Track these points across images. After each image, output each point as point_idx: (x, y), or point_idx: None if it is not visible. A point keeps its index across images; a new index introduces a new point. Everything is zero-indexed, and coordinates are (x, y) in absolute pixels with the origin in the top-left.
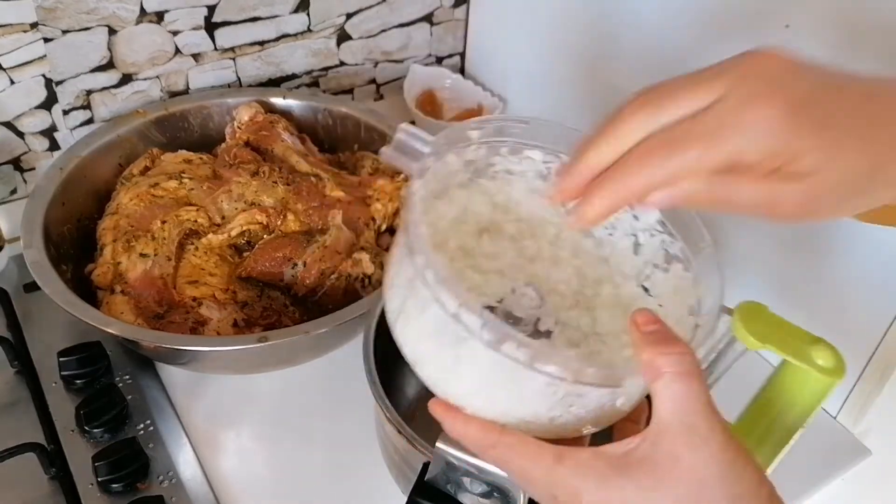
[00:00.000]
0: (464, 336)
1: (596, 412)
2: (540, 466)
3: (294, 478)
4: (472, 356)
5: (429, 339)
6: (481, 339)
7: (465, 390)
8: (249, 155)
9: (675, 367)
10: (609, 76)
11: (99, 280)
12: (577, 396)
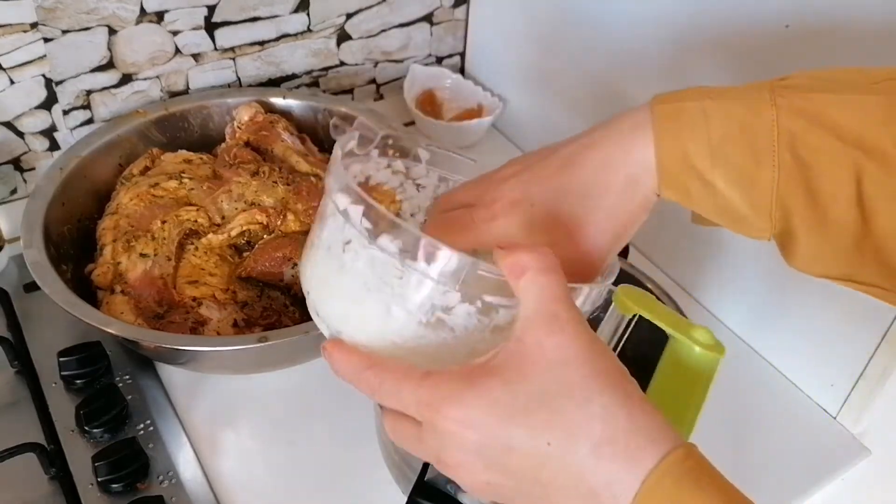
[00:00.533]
0: (348, 236)
1: (463, 340)
2: (409, 384)
3: (294, 478)
4: (353, 261)
5: (321, 260)
6: (361, 232)
7: (341, 312)
8: (249, 155)
9: (539, 263)
10: (609, 76)
11: (99, 280)
12: (444, 311)
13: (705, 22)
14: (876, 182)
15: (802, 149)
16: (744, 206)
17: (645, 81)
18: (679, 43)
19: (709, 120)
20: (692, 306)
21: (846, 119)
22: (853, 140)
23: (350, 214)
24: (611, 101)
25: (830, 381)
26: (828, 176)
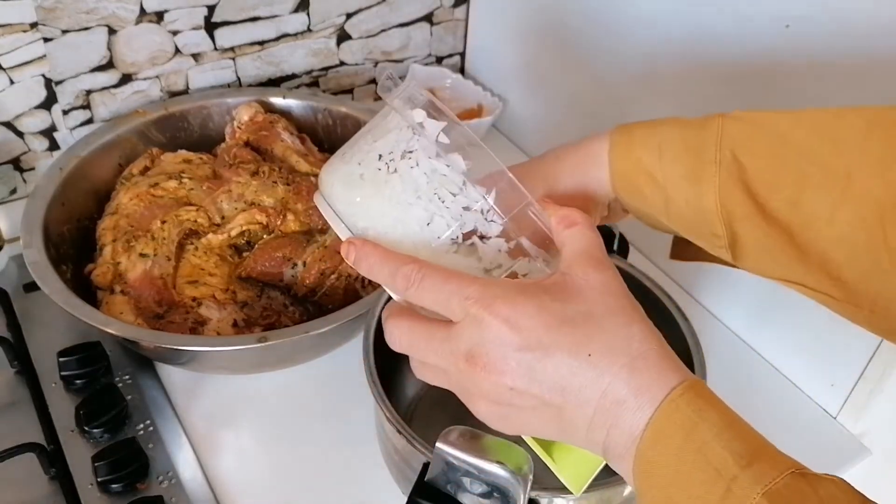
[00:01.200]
0: (412, 147)
1: (482, 272)
2: (459, 280)
3: (294, 478)
4: (409, 169)
5: (365, 162)
6: (432, 145)
7: (377, 211)
8: (249, 155)
9: (587, 220)
10: (609, 76)
11: (99, 280)
12: (481, 237)
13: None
14: (817, 188)
15: (743, 150)
16: (692, 204)
17: (644, 78)
18: (678, 42)
19: (659, 130)
20: (692, 306)
21: (792, 128)
22: (796, 146)
23: (426, 127)
24: (610, 100)
25: (830, 381)
26: (768, 176)
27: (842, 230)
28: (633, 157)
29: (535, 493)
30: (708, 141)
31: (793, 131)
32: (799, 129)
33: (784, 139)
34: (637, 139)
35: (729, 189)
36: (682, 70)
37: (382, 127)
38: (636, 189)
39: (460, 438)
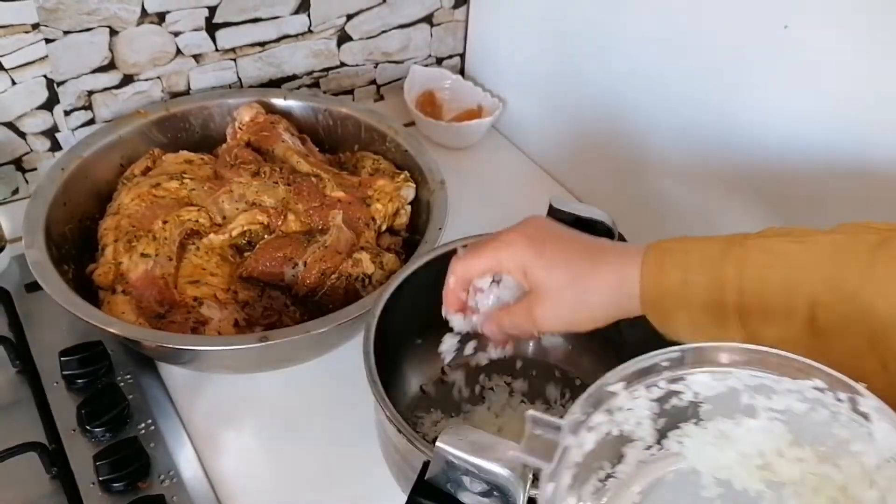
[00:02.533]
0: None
1: None
2: None
3: (294, 477)
4: None
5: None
6: None
7: None
8: (250, 155)
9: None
10: (608, 77)
11: (100, 280)
12: None
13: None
14: (828, 309)
15: (758, 279)
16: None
17: (643, 78)
18: (677, 41)
19: (688, 255)
20: None
21: (802, 255)
22: (808, 271)
23: None
24: (610, 101)
25: None
26: (782, 300)
27: None
28: (662, 286)
29: (535, 493)
30: (727, 280)
31: (802, 256)
32: (807, 252)
33: (798, 265)
34: (667, 268)
35: (749, 312)
36: (680, 68)
37: None
38: (666, 316)
39: (460, 437)
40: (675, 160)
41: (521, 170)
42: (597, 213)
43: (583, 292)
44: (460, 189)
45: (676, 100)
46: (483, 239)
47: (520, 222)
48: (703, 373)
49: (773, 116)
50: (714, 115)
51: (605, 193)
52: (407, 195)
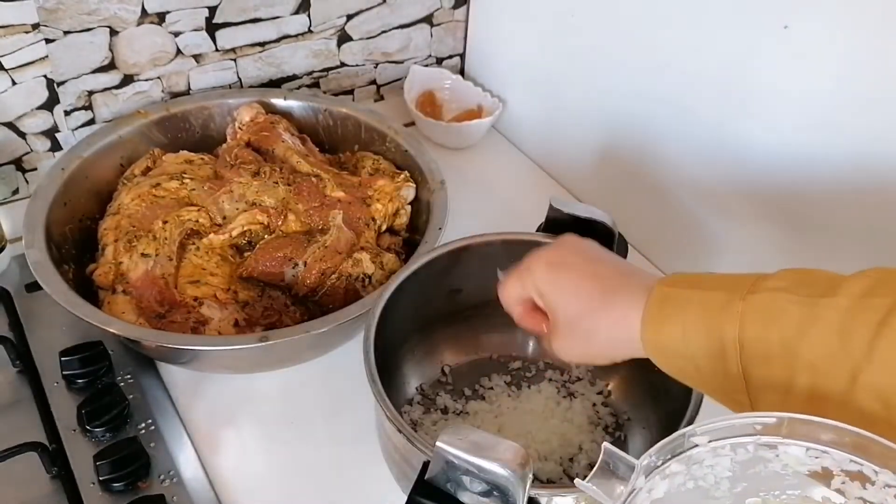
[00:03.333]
0: None
1: None
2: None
3: (294, 477)
4: None
5: None
6: None
7: None
8: (250, 155)
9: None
10: (608, 77)
11: (100, 280)
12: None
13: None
14: (828, 378)
15: (758, 341)
16: (719, 374)
17: (643, 79)
18: (676, 40)
19: (687, 308)
20: None
21: (806, 323)
22: (810, 343)
23: None
24: (609, 101)
25: None
26: (781, 368)
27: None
28: (662, 341)
29: (535, 492)
30: (727, 341)
31: (798, 332)
32: (813, 320)
33: (790, 341)
34: (666, 322)
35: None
36: (679, 67)
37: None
38: (672, 366)
39: (460, 437)
40: (676, 160)
41: (521, 170)
42: (597, 213)
43: (593, 329)
44: (460, 189)
45: (676, 100)
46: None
47: (553, 243)
48: (798, 446)
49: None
50: (715, 113)
51: (604, 193)
52: (407, 195)
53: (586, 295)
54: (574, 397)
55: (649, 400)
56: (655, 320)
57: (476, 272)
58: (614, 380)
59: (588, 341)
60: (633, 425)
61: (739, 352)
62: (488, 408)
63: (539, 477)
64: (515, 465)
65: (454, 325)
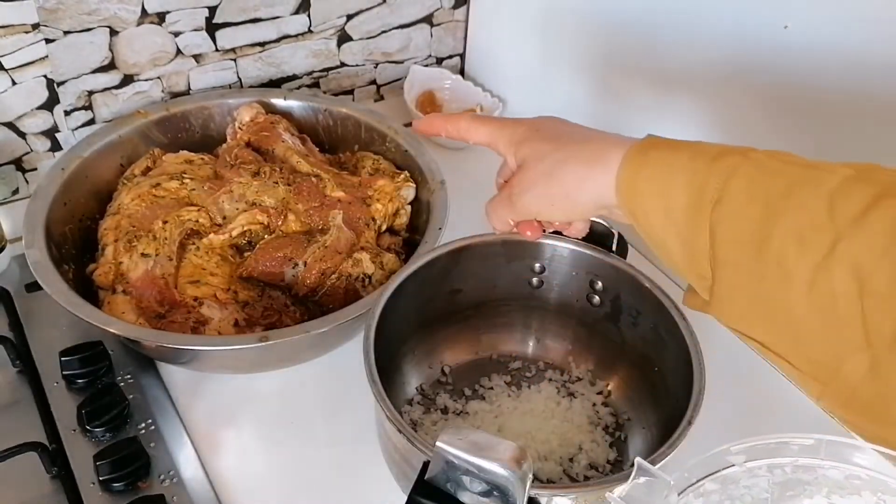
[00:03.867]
0: None
1: None
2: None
3: (295, 477)
4: None
5: None
6: None
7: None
8: (250, 155)
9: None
10: (608, 77)
11: (100, 280)
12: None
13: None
14: (803, 245)
15: (743, 195)
16: (688, 241)
17: (644, 80)
18: (676, 41)
19: (673, 156)
20: None
21: (794, 180)
22: (796, 200)
23: None
24: (609, 101)
25: None
26: (757, 225)
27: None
28: (641, 177)
29: (535, 492)
30: (711, 180)
31: (795, 184)
32: (804, 183)
33: (787, 187)
34: (651, 158)
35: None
36: (681, 69)
37: None
38: (639, 207)
39: (460, 437)
40: None
41: None
42: None
43: (562, 162)
44: (460, 189)
45: (676, 99)
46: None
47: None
48: (838, 469)
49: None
50: (716, 112)
51: None
52: (407, 195)
53: (566, 137)
54: (574, 397)
55: (649, 400)
56: (636, 161)
57: (476, 272)
58: (614, 380)
59: (553, 179)
60: (633, 425)
61: (714, 203)
62: (488, 408)
63: (539, 477)
64: (515, 465)
65: (454, 325)
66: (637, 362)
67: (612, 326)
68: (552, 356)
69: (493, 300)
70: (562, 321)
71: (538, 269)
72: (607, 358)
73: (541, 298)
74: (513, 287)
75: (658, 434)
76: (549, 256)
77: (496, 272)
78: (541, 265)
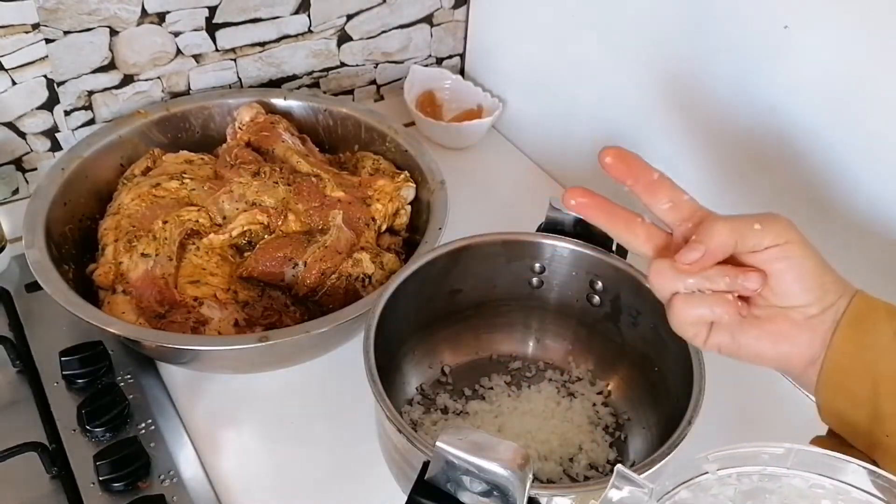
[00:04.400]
0: None
1: None
2: None
3: (294, 477)
4: None
5: None
6: None
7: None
8: (250, 155)
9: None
10: (608, 77)
11: (100, 280)
12: None
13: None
14: None
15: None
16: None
17: (643, 80)
18: (677, 41)
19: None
20: None
21: None
22: None
23: None
24: (610, 101)
25: None
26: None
27: None
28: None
29: (535, 492)
30: None
31: None
32: None
33: None
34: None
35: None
36: (681, 68)
37: None
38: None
39: (460, 437)
40: (676, 160)
41: (521, 170)
42: None
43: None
44: (460, 189)
45: (676, 99)
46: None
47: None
48: (802, 478)
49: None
50: (716, 113)
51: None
52: (407, 195)
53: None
54: (574, 397)
55: (649, 400)
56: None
57: (476, 272)
58: (614, 380)
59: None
60: (633, 425)
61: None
62: (488, 408)
63: (539, 477)
64: (515, 465)
65: (454, 325)
66: (637, 362)
67: (612, 326)
68: (552, 356)
69: (493, 300)
70: (562, 321)
71: (538, 269)
72: (607, 358)
73: (541, 298)
74: (513, 287)
75: (658, 434)
76: (549, 256)
77: (496, 272)
78: (541, 265)
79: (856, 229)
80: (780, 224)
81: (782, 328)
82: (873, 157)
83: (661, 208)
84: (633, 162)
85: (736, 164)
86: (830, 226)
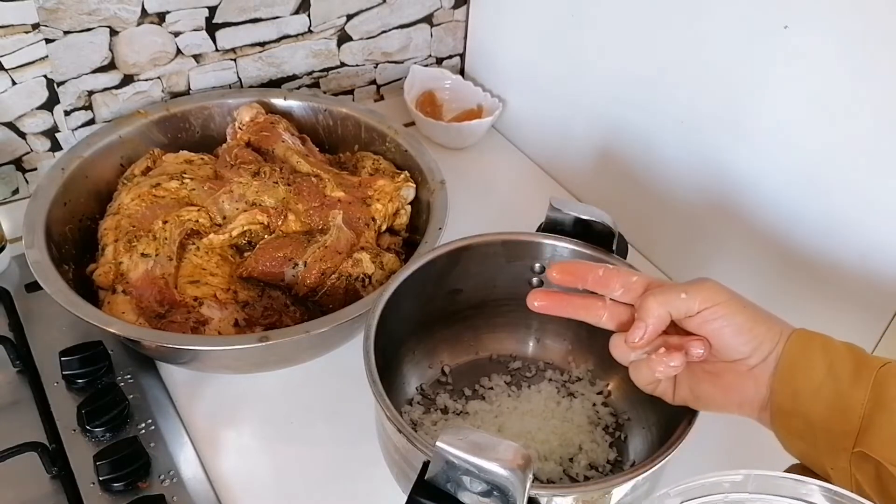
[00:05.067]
0: None
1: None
2: None
3: (294, 477)
4: None
5: None
6: None
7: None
8: (250, 155)
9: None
10: (608, 76)
11: (100, 280)
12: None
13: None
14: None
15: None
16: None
17: (644, 81)
18: (677, 42)
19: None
20: None
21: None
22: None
23: None
24: (609, 101)
25: None
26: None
27: None
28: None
29: (535, 492)
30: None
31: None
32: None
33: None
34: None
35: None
36: (678, 69)
37: None
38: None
39: (460, 437)
40: (676, 160)
41: (521, 170)
42: (596, 213)
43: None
44: (460, 189)
45: (677, 99)
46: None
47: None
48: (762, 501)
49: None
50: (716, 115)
51: (604, 194)
52: (407, 195)
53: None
54: (574, 397)
55: (649, 400)
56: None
57: (476, 272)
58: (614, 380)
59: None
60: (633, 425)
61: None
62: (488, 408)
63: (539, 477)
64: (515, 465)
65: (454, 325)
66: None
67: None
68: (552, 356)
69: (493, 300)
70: (562, 321)
71: (538, 269)
72: (607, 358)
73: None
74: (513, 287)
75: (658, 434)
76: (549, 256)
77: (496, 272)
78: (541, 265)
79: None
80: (706, 288)
81: (730, 381)
82: None
83: (616, 294)
84: (576, 268)
85: (736, 163)
86: None
